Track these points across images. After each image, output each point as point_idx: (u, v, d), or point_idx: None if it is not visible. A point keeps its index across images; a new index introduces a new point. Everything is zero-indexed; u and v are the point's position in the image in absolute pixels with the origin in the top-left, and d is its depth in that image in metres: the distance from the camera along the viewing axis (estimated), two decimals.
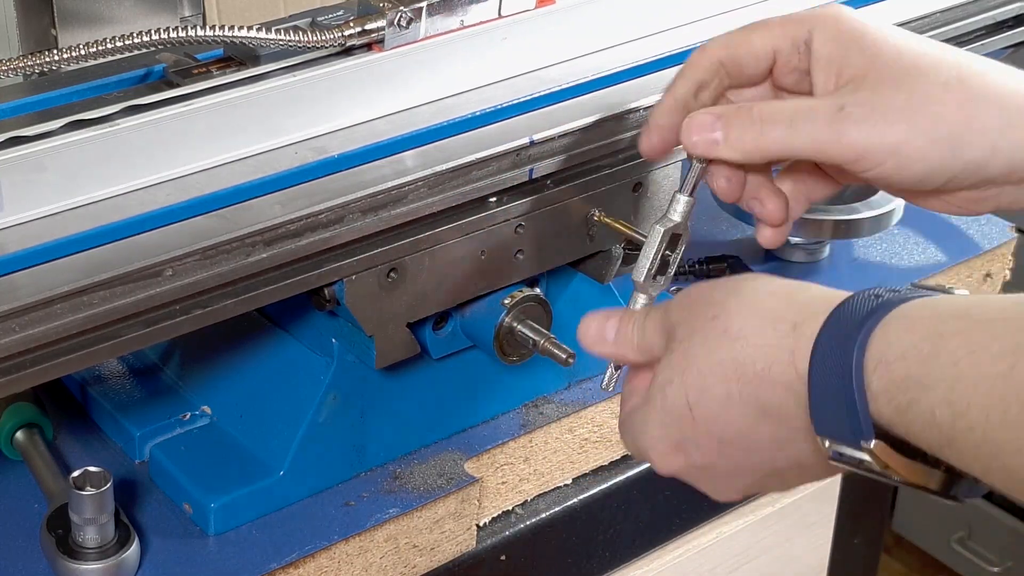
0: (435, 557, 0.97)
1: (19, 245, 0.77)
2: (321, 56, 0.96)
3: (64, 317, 0.75)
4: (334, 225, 0.83)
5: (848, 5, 1.09)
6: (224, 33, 0.90)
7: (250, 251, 0.80)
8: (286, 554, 0.89)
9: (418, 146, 0.90)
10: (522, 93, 0.95)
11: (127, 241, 0.79)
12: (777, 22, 0.78)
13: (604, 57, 1.01)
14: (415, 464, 0.98)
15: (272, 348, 0.97)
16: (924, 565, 2.41)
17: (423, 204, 0.87)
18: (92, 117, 0.88)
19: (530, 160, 0.91)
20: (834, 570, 1.29)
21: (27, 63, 0.87)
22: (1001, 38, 1.16)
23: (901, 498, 2.40)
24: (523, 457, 1.01)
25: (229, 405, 0.98)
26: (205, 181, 0.84)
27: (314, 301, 0.87)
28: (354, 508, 0.93)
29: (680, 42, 1.03)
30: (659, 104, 0.81)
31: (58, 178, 0.82)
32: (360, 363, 0.92)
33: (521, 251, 0.93)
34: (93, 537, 0.86)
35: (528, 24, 1.01)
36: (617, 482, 1.06)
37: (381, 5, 0.96)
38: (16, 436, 0.96)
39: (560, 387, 1.05)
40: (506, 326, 0.93)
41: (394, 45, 0.97)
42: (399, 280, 0.87)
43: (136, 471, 0.96)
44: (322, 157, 0.87)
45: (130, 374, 1.03)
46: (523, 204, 0.91)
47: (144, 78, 0.96)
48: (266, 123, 0.89)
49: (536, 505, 1.03)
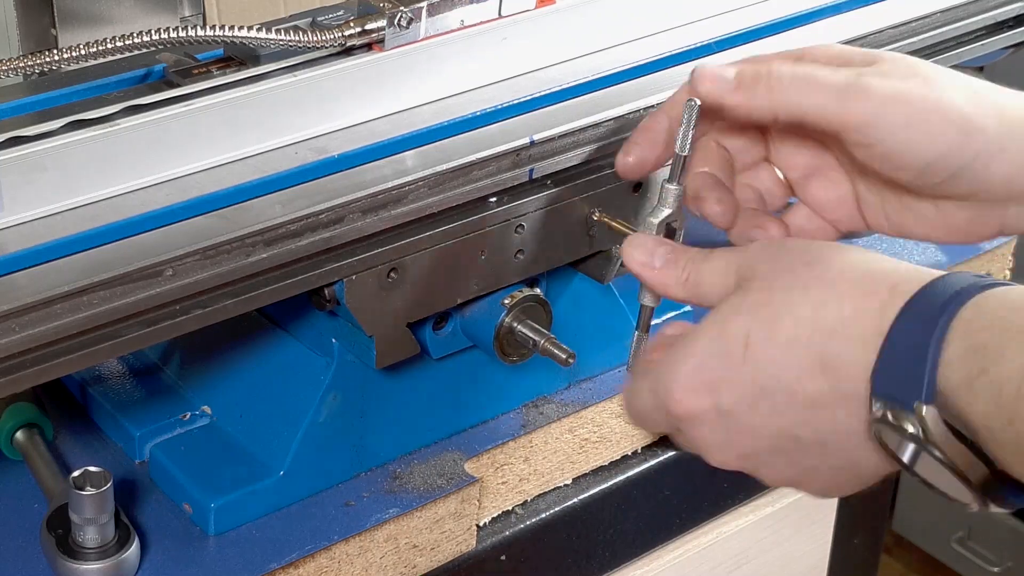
0: (435, 557, 0.97)
1: (19, 245, 0.77)
2: (321, 56, 0.96)
3: (64, 317, 0.75)
4: (334, 225, 0.83)
5: (849, 6, 1.10)
6: (224, 33, 0.90)
7: (250, 251, 0.80)
8: (286, 554, 0.89)
9: (418, 146, 0.90)
10: (522, 93, 0.95)
11: (127, 241, 0.79)
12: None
13: (604, 57, 1.01)
14: (415, 464, 0.98)
15: (272, 348, 0.97)
16: (924, 565, 2.41)
17: (423, 204, 0.87)
18: (92, 117, 0.88)
19: (530, 160, 0.91)
20: (834, 570, 1.29)
21: (27, 63, 0.87)
22: (1001, 38, 1.16)
23: (901, 498, 2.40)
24: (523, 457, 1.01)
25: (229, 405, 0.98)
26: (205, 181, 0.84)
27: (314, 301, 0.87)
28: (354, 508, 0.93)
29: (680, 42, 1.03)
30: (639, 128, 0.81)
31: (58, 178, 0.82)
32: (360, 363, 0.92)
33: (521, 251, 0.93)
34: (93, 537, 0.86)
35: (528, 24, 1.01)
36: (617, 482, 1.06)
37: (381, 5, 0.96)
38: (16, 436, 0.96)
39: (560, 387, 1.05)
40: (506, 326, 0.93)
41: (394, 45, 0.97)
42: (399, 280, 0.87)
43: (136, 471, 0.96)
44: (322, 157, 0.87)
45: (130, 374, 1.03)
46: (523, 204, 0.91)
47: (144, 78, 0.96)
48: (266, 123, 0.89)
49: (536, 505, 1.03)
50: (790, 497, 1.20)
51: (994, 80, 0.76)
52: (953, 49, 1.13)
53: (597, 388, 1.05)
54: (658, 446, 1.09)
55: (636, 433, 1.07)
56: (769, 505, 1.19)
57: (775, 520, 1.20)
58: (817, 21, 1.09)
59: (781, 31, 1.07)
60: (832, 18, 1.09)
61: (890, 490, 1.48)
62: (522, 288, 0.95)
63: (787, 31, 1.07)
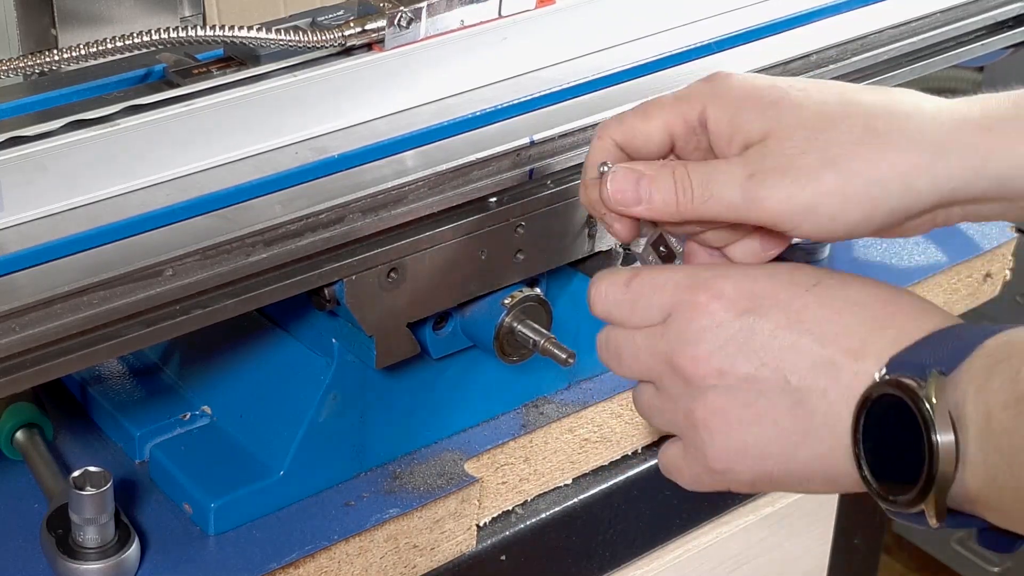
0: (435, 557, 0.97)
1: (19, 245, 0.77)
2: (321, 56, 0.96)
3: (64, 317, 0.75)
4: (334, 225, 0.83)
5: (849, 6, 1.10)
6: (224, 33, 0.90)
7: (250, 251, 0.80)
8: (286, 554, 0.89)
9: (418, 146, 0.90)
10: (522, 93, 0.95)
11: (127, 241, 0.79)
12: (669, 103, 0.77)
13: (604, 57, 1.01)
14: (415, 464, 0.98)
15: (272, 348, 0.97)
16: (924, 565, 2.41)
17: (423, 204, 0.87)
18: (92, 117, 0.88)
19: (530, 160, 0.91)
20: (834, 570, 1.29)
21: (27, 63, 0.87)
22: (1001, 38, 1.16)
23: None
24: (523, 457, 1.01)
25: (229, 405, 0.98)
26: (205, 181, 0.84)
27: (314, 301, 0.87)
28: (354, 508, 0.93)
29: (680, 42, 1.03)
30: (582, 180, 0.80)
31: (58, 178, 0.82)
32: (360, 363, 0.92)
33: (521, 251, 0.93)
34: (93, 537, 0.86)
35: (528, 24, 1.01)
36: (617, 482, 1.06)
37: (381, 5, 0.96)
38: (16, 436, 0.96)
39: (560, 387, 1.05)
40: (506, 326, 0.93)
41: (394, 45, 0.97)
42: (399, 280, 0.87)
43: (136, 471, 0.96)
44: (322, 157, 0.87)
45: (130, 374, 1.03)
46: (523, 204, 0.91)
47: (144, 78, 0.96)
48: (266, 123, 0.89)
49: (536, 505, 1.03)
50: (790, 497, 1.20)
51: (994, 80, 0.76)
52: (953, 49, 1.13)
53: (597, 388, 1.05)
54: (658, 446, 1.09)
55: (636, 433, 1.07)
56: (769, 505, 1.19)
57: (775, 520, 1.20)
58: (817, 21, 1.09)
59: (781, 31, 1.07)
60: (832, 18, 1.09)
61: None
62: (522, 288, 0.95)
63: (787, 31, 1.07)
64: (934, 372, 0.65)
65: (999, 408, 0.63)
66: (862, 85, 0.76)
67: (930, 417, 0.64)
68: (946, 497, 0.65)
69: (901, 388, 0.65)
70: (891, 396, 0.66)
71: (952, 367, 0.65)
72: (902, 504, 0.66)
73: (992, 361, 0.64)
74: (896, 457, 0.66)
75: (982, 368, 0.64)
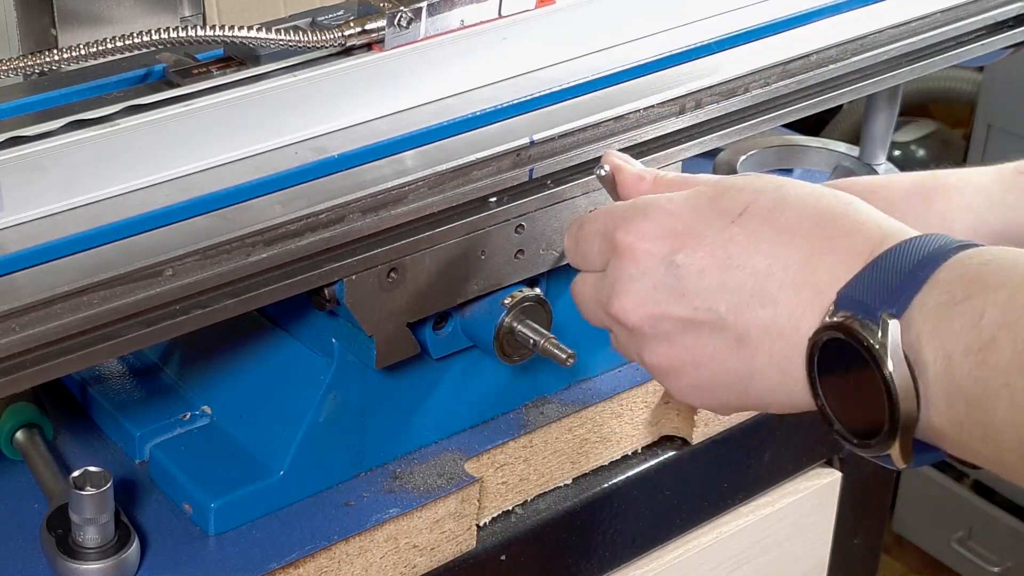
0: (435, 557, 0.97)
1: (19, 245, 0.77)
2: (321, 56, 0.96)
3: (64, 317, 0.75)
4: (334, 225, 0.83)
5: (849, 6, 1.10)
6: (224, 33, 0.90)
7: (250, 251, 0.80)
8: (286, 554, 0.89)
9: (418, 146, 0.90)
10: (522, 93, 0.95)
11: (127, 241, 0.79)
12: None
13: (604, 57, 1.01)
14: (415, 464, 0.98)
15: (272, 348, 0.97)
16: (924, 565, 2.41)
17: (423, 204, 0.87)
18: (92, 117, 0.88)
19: (530, 160, 0.91)
20: (834, 570, 1.29)
21: (27, 63, 0.87)
22: (1001, 38, 1.16)
23: (901, 498, 2.40)
24: (523, 457, 1.01)
25: (229, 405, 0.98)
26: (205, 181, 0.84)
27: (314, 301, 0.87)
28: (354, 508, 0.93)
29: (680, 42, 1.03)
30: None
31: (58, 178, 0.82)
32: (360, 363, 0.92)
33: (521, 251, 0.93)
34: (93, 537, 0.86)
35: (528, 24, 1.01)
36: (617, 482, 1.06)
37: (381, 5, 0.96)
38: (16, 436, 0.96)
39: (560, 387, 1.05)
40: (506, 326, 0.93)
41: (394, 45, 0.97)
42: (399, 280, 0.87)
43: (136, 471, 0.96)
44: (322, 157, 0.87)
45: (130, 374, 1.03)
46: (523, 204, 0.91)
47: (144, 78, 0.96)
48: (266, 123, 0.89)
49: (536, 505, 1.03)
50: (790, 497, 1.20)
51: (994, 80, 0.75)
52: (953, 49, 1.13)
53: (597, 388, 1.05)
54: (658, 446, 1.09)
55: (636, 433, 1.07)
56: (769, 505, 1.19)
57: (775, 520, 1.20)
58: (817, 21, 1.09)
59: (781, 31, 1.07)
60: (832, 18, 1.09)
61: (890, 490, 1.47)
62: (522, 288, 0.95)
63: (787, 31, 1.07)
64: (883, 314, 0.62)
65: (960, 354, 0.61)
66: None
67: (884, 362, 0.62)
68: (911, 440, 0.63)
69: (850, 334, 0.63)
70: (841, 340, 0.64)
71: (903, 304, 0.62)
72: (871, 448, 0.65)
73: (949, 299, 0.61)
74: (857, 405, 0.64)
75: (936, 307, 0.62)
